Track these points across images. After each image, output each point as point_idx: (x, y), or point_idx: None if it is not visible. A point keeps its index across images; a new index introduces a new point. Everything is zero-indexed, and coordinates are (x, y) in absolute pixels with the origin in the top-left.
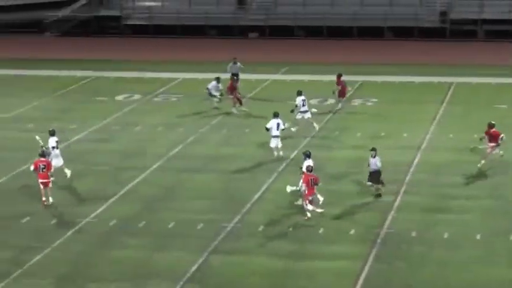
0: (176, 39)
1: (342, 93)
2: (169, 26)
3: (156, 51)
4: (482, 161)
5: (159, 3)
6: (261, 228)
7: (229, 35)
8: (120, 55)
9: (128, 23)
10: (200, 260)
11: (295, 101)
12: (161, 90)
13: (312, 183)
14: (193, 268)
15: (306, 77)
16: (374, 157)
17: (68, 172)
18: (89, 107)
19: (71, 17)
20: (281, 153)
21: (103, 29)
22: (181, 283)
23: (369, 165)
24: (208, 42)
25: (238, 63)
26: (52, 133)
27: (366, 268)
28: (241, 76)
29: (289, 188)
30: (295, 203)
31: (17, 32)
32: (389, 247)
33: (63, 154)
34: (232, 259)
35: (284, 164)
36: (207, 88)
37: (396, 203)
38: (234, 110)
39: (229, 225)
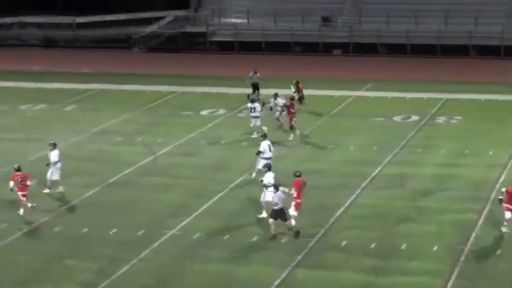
0: (261, 56)
1: (301, 99)
2: (255, 43)
3: (241, 68)
4: None
5: (245, 20)
6: (344, 243)
7: (314, 52)
8: (206, 71)
9: (213, 39)
10: (283, 275)
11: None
12: (245, 105)
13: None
14: (277, 282)
15: (388, 94)
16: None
17: (61, 187)
18: (174, 122)
19: (159, 33)
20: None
21: (189, 45)
22: None
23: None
24: (293, 59)
25: (258, 74)
26: (54, 147)
27: (449, 285)
28: (319, 92)
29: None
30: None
31: (108, 47)
32: (473, 264)
33: (150, 167)
34: (316, 273)
35: (367, 181)
36: (270, 105)
37: (480, 221)
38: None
39: (313, 240)
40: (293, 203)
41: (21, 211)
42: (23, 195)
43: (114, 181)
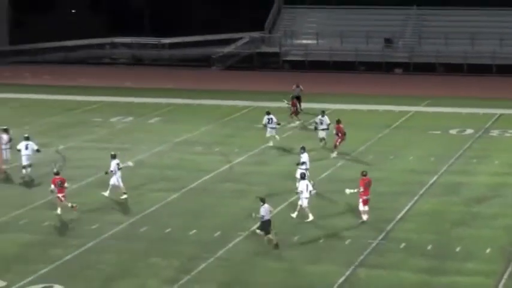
0: (329, 74)
1: (295, 112)
2: (323, 62)
3: (311, 84)
4: None
5: (314, 41)
6: (402, 245)
7: (377, 71)
8: (278, 87)
9: (286, 58)
10: (347, 273)
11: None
12: (314, 120)
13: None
14: (341, 280)
15: (445, 109)
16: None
17: (125, 195)
18: (249, 133)
19: (235, 53)
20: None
21: (263, 63)
22: None
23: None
24: (357, 77)
25: (300, 87)
26: (113, 157)
27: (500, 285)
28: (381, 107)
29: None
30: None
31: (189, 65)
32: None
33: (227, 175)
34: (377, 272)
35: (425, 188)
36: (315, 122)
37: None
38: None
39: (374, 241)
40: (360, 200)
41: (59, 210)
42: (63, 196)
43: (194, 187)
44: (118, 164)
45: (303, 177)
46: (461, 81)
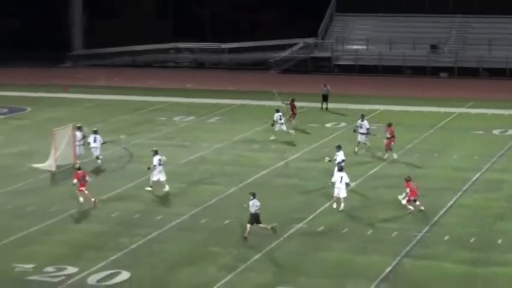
0: (378, 77)
1: (293, 115)
2: (372, 66)
3: (361, 87)
4: None
5: (364, 47)
6: (446, 237)
7: (423, 75)
8: (331, 90)
9: (337, 63)
10: (393, 263)
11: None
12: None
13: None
14: (387, 270)
15: (488, 111)
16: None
17: (167, 187)
18: (303, 132)
19: (291, 58)
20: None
21: (316, 67)
22: (376, 282)
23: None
24: (404, 80)
25: (328, 87)
26: (155, 153)
27: None
28: (426, 109)
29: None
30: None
31: (248, 69)
32: None
33: (282, 170)
34: (422, 263)
35: (468, 184)
36: (356, 126)
37: None
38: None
39: (419, 234)
40: (406, 199)
41: (81, 199)
42: (85, 189)
43: (251, 181)
44: (160, 160)
45: (340, 169)
46: (503, 84)
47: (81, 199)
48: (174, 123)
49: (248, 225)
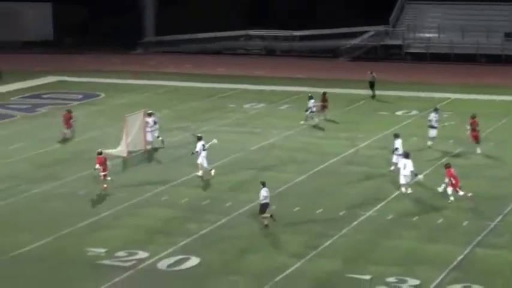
0: (449, 65)
1: (323, 108)
2: (444, 54)
3: (432, 75)
4: None
5: (436, 35)
6: None
7: (497, 62)
8: (401, 77)
9: (408, 51)
10: (465, 252)
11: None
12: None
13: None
14: (459, 258)
15: None
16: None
17: (213, 171)
18: (373, 120)
19: (361, 45)
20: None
21: (387, 55)
22: (447, 270)
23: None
24: (477, 68)
25: (374, 74)
26: (199, 138)
27: None
28: (499, 98)
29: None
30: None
31: (318, 56)
32: None
33: (352, 158)
34: (494, 252)
35: None
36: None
37: None
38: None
39: (492, 223)
40: (453, 188)
41: (105, 186)
42: (105, 174)
43: (321, 169)
44: (203, 145)
45: (406, 156)
46: None
47: (105, 186)
48: (244, 110)
49: (264, 215)
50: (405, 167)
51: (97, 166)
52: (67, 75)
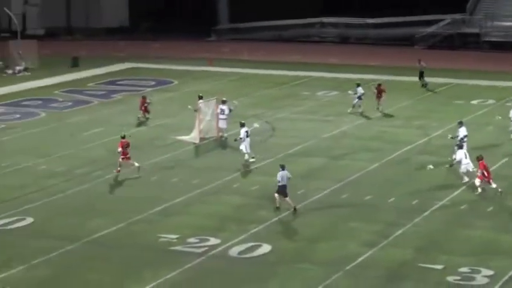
0: None
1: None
2: None
3: (510, 64)
4: None
5: None
6: None
7: None
8: (478, 66)
9: (486, 39)
10: None
11: None
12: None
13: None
14: None
15: None
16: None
17: (252, 159)
18: (448, 109)
19: (437, 33)
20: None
21: (464, 43)
22: None
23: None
24: None
25: (422, 63)
26: (242, 125)
27: None
28: None
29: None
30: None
31: (392, 44)
32: None
33: (425, 147)
34: None
35: None
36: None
37: None
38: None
39: None
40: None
41: (118, 169)
42: (127, 158)
43: (393, 158)
44: (247, 132)
45: (460, 147)
46: None
47: (119, 168)
48: (317, 98)
49: (276, 195)
50: (467, 156)
51: (119, 149)
52: (141, 62)
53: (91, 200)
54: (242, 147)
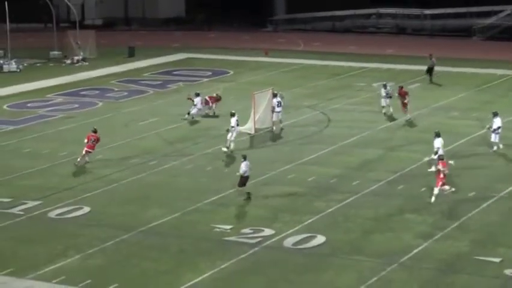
0: None
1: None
2: None
3: None
4: None
5: None
6: None
7: None
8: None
9: None
10: None
11: None
12: None
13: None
14: None
15: None
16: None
17: (225, 149)
18: (505, 101)
19: (497, 24)
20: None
21: None
22: None
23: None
24: None
25: (433, 59)
26: (233, 115)
27: None
28: None
29: None
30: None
31: (450, 35)
32: None
33: (482, 139)
34: None
35: None
36: None
37: None
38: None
39: None
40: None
41: (79, 159)
42: (89, 151)
43: (450, 149)
44: (237, 121)
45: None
46: None
47: (79, 159)
48: (372, 89)
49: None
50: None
51: (85, 141)
52: (197, 52)
53: (146, 189)
54: (229, 136)
